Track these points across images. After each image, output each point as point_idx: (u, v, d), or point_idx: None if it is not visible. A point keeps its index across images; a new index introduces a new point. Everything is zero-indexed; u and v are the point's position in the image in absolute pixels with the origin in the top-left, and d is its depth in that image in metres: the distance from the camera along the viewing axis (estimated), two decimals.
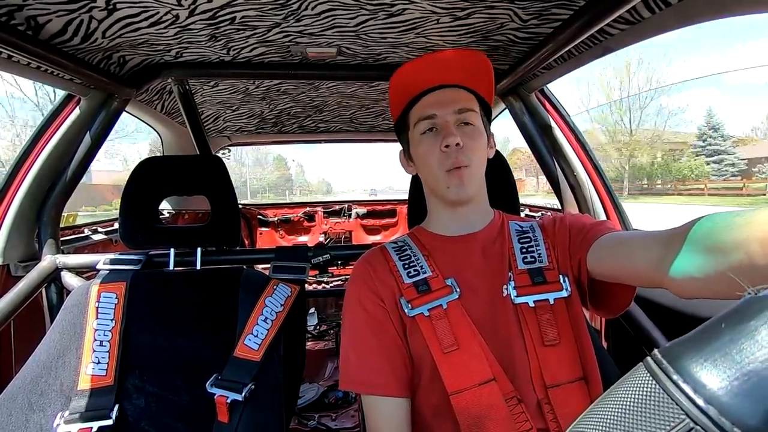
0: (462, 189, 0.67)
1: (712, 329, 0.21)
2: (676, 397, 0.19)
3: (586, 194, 1.23)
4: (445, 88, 0.71)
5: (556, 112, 1.25)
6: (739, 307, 0.21)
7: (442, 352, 0.62)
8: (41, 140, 1.09)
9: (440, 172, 0.68)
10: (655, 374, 0.21)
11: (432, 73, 0.70)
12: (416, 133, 0.71)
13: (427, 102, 0.71)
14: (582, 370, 0.63)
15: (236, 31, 0.95)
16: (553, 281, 0.65)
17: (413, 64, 0.71)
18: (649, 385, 0.21)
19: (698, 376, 0.19)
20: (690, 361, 0.20)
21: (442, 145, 0.67)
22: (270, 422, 0.80)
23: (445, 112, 0.69)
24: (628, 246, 0.57)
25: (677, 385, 0.20)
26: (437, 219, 0.75)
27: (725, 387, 0.18)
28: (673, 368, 0.20)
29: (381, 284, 0.69)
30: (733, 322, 0.20)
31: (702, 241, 0.43)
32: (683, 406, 0.19)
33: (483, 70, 0.72)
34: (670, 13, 0.71)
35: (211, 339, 0.90)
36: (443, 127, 0.68)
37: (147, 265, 1.03)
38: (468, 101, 0.71)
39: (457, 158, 0.66)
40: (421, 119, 0.70)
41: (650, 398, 0.20)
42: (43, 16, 0.79)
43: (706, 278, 0.42)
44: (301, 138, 2.36)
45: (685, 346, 0.21)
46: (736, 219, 0.40)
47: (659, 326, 0.94)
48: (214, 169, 1.01)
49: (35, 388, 0.82)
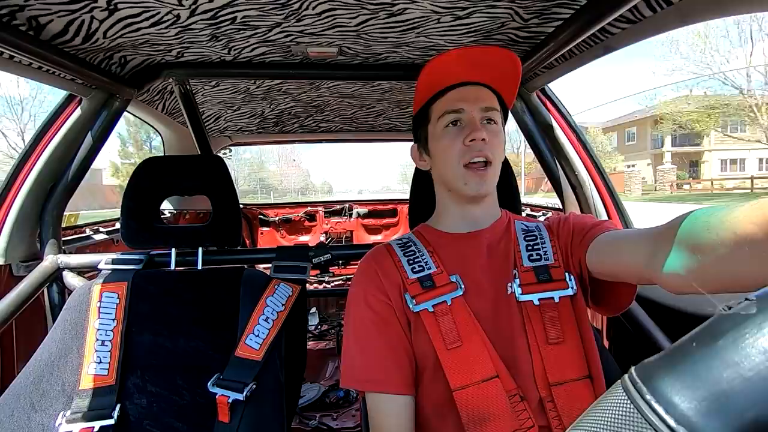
0: (482, 185, 0.68)
1: (684, 348, 0.21)
2: (649, 417, 0.20)
3: (588, 194, 1.22)
4: (470, 85, 0.71)
5: (557, 112, 1.25)
6: (709, 325, 0.21)
7: (446, 348, 0.62)
8: (43, 140, 1.09)
9: (459, 167, 0.69)
10: (630, 394, 0.21)
11: (460, 69, 0.70)
12: (439, 127, 0.71)
13: (454, 96, 0.71)
14: (587, 368, 0.63)
15: (237, 31, 0.95)
16: (558, 279, 0.66)
17: (443, 59, 0.70)
18: (624, 405, 0.21)
19: (669, 396, 0.20)
20: (662, 380, 0.20)
21: (467, 139, 0.67)
22: (271, 422, 0.80)
23: (472, 107, 0.69)
24: (622, 244, 0.58)
25: (650, 405, 0.20)
26: (446, 216, 0.75)
27: (694, 407, 0.19)
28: (647, 388, 0.21)
29: (387, 280, 0.69)
30: (704, 341, 0.21)
31: (684, 241, 0.44)
32: (656, 427, 0.20)
33: (511, 70, 0.71)
34: (671, 12, 0.71)
35: (213, 339, 0.90)
36: (469, 121, 0.69)
37: (148, 265, 1.03)
38: (492, 100, 0.71)
39: (480, 152, 0.67)
40: (446, 112, 0.70)
41: (626, 418, 0.21)
42: (45, 16, 0.79)
43: (690, 276, 0.43)
44: (302, 138, 2.35)
45: (658, 365, 0.21)
46: (711, 219, 0.40)
47: (660, 326, 0.94)
48: (215, 169, 1.01)
49: (37, 388, 0.83)
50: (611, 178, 1.26)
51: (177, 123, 1.82)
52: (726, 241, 0.37)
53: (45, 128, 1.09)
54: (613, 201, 1.22)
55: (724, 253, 0.38)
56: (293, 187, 32.60)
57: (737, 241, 0.36)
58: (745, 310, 0.20)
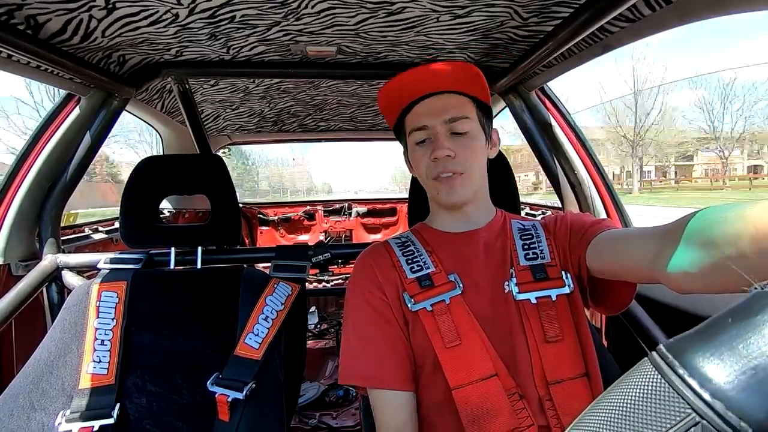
0: (453, 194, 0.68)
1: (718, 324, 0.21)
2: (682, 391, 0.19)
3: (587, 192, 1.23)
4: (435, 95, 0.70)
5: (556, 110, 1.25)
6: (746, 301, 0.21)
7: (445, 347, 0.62)
8: (41, 140, 1.09)
9: (429, 180, 0.70)
10: (660, 368, 0.20)
11: (421, 81, 0.70)
12: (411, 142, 0.72)
13: (418, 112, 0.71)
14: (585, 366, 0.63)
15: (236, 30, 0.95)
16: (555, 277, 0.66)
17: (401, 77, 0.70)
18: (654, 380, 0.20)
19: (704, 371, 0.19)
20: (696, 355, 0.20)
21: (431, 157, 0.68)
22: (271, 421, 0.81)
23: (435, 122, 0.69)
24: (625, 243, 0.58)
25: (683, 379, 0.19)
26: (439, 217, 0.76)
27: (732, 381, 0.18)
28: (679, 362, 0.20)
29: (384, 278, 0.69)
30: (740, 316, 0.20)
31: (695, 237, 0.43)
32: (689, 401, 0.19)
33: (472, 74, 0.71)
34: (670, 11, 0.71)
35: (212, 338, 0.90)
36: (434, 138, 0.69)
37: (148, 264, 1.03)
38: (459, 107, 0.70)
39: (445, 167, 0.67)
40: (413, 130, 0.71)
41: (655, 392, 0.20)
42: (43, 15, 0.78)
43: (700, 273, 0.42)
44: (302, 137, 2.35)
45: (691, 341, 0.21)
46: (728, 214, 0.40)
47: (660, 324, 0.94)
48: (214, 168, 1.01)
49: (37, 387, 0.83)
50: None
51: (176, 122, 1.82)
52: (744, 235, 0.37)
53: (43, 127, 1.09)
54: (612, 200, 1.22)
55: (741, 246, 0.37)
56: (303, 187, 33.43)
57: (756, 236, 0.36)
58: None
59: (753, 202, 0.38)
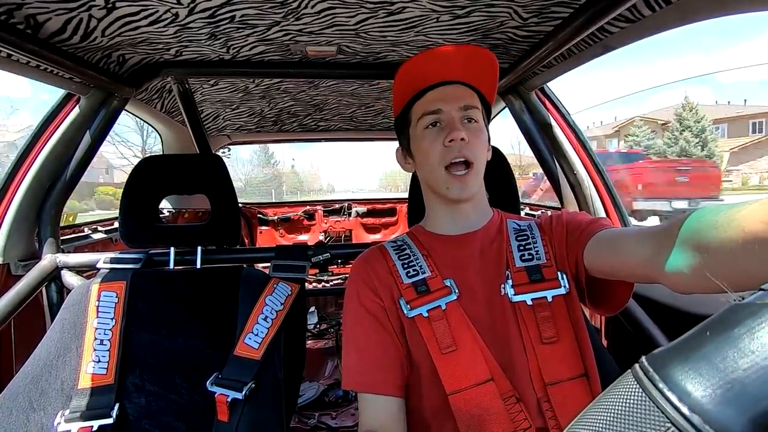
0: (465, 190, 0.67)
1: (697, 337, 0.21)
2: (662, 405, 0.20)
3: (586, 193, 1.23)
4: (448, 84, 0.70)
5: (556, 111, 1.25)
6: (723, 314, 0.21)
7: (441, 353, 0.62)
8: (41, 139, 1.08)
9: (440, 169, 0.68)
10: (642, 382, 0.21)
11: (436, 68, 0.70)
12: (419, 128, 0.70)
13: (432, 97, 0.70)
14: (583, 367, 0.63)
15: (236, 30, 0.95)
16: (551, 278, 0.65)
17: (417, 60, 0.69)
18: (636, 393, 0.21)
19: (683, 385, 0.20)
20: (675, 369, 0.20)
21: (446, 140, 0.66)
22: (270, 421, 0.81)
23: (450, 107, 0.68)
24: (622, 242, 0.57)
25: (663, 393, 0.20)
26: (435, 218, 0.75)
27: (709, 395, 0.19)
28: (659, 376, 0.20)
29: (379, 283, 0.69)
30: (718, 330, 0.20)
31: (689, 240, 0.43)
32: (668, 415, 0.19)
33: (488, 67, 0.71)
34: (670, 11, 0.71)
35: (212, 338, 0.90)
36: (448, 122, 0.68)
37: (147, 264, 1.03)
38: (471, 98, 0.70)
39: (460, 152, 0.66)
40: (425, 113, 0.69)
41: (637, 406, 0.21)
42: (43, 14, 0.78)
43: (695, 275, 0.42)
44: (301, 137, 2.35)
45: (671, 354, 0.21)
46: (719, 218, 0.40)
47: (658, 324, 0.94)
48: (214, 168, 1.01)
49: (36, 387, 0.82)
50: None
51: (176, 122, 1.82)
52: (734, 239, 0.37)
53: (43, 127, 1.09)
54: (612, 200, 1.22)
55: (732, 250, 0.37)
56: (315, 188, 34.86)
57: (746, 239, 0.36)
58: (761, 300, 0.20)
59: (743, 204, 0.38)
